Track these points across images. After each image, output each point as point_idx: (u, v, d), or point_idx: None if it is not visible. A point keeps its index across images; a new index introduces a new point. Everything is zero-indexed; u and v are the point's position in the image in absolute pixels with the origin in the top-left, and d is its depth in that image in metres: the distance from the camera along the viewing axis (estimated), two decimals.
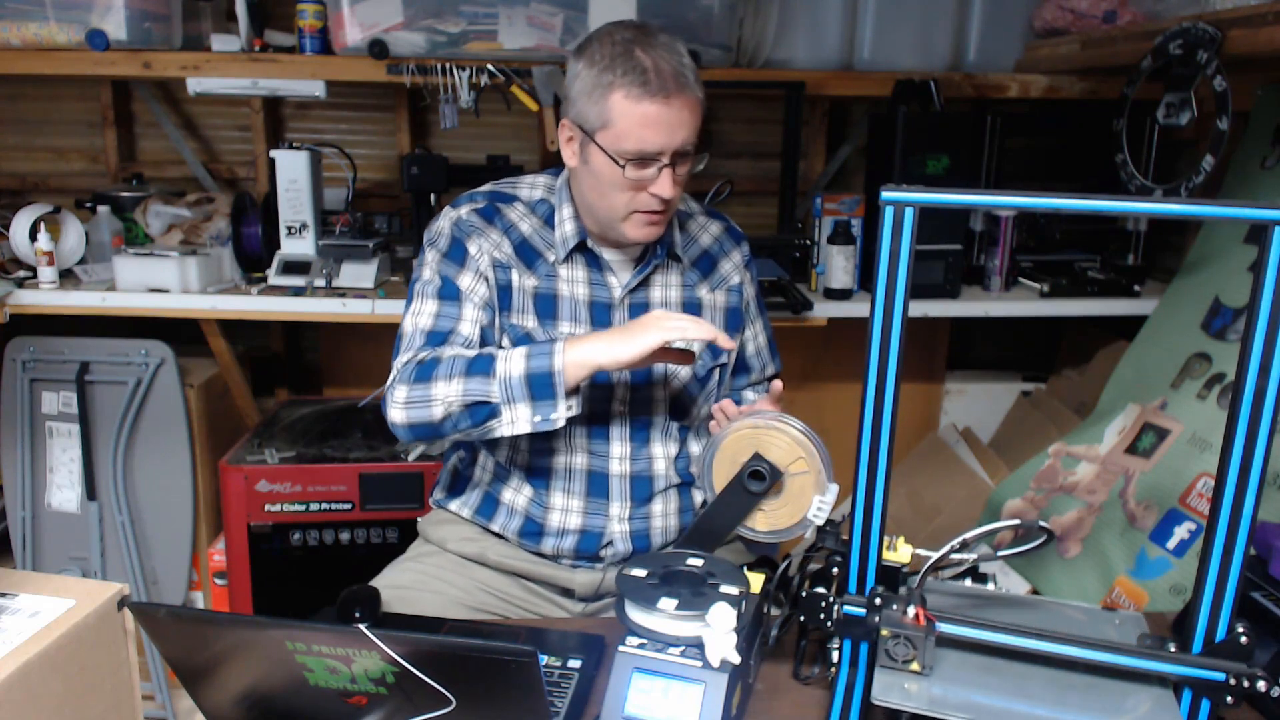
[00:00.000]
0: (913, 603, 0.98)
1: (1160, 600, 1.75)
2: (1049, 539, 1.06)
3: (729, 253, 1.50)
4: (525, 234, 1.39)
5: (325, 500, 2.20)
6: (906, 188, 0.92)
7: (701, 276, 1.47)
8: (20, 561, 2.35)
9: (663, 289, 1.43)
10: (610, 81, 1.24)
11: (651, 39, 1.26)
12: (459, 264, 1.36)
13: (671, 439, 1.45)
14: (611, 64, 1.25)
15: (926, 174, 2.26)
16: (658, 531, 1.44)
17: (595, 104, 1.26)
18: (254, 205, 2.37)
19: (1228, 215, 0.92)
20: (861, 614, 1.02)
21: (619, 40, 1.26)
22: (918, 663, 0.97)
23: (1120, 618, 1.08)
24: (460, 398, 1.23)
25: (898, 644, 0.98)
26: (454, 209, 1.41)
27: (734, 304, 1.49)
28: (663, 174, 1.28)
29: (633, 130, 1.25)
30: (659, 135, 1.25)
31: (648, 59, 1.24)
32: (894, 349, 0.95)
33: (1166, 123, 1.90)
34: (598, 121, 1.27)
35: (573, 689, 1.09)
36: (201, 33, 2.39)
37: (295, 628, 0.84)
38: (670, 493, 1.45)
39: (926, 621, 0.97)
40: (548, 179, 1.45)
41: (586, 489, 1.41)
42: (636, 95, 1.23)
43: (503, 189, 1.44)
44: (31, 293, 2.15)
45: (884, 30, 2.42)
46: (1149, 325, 2.24)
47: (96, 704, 0.92)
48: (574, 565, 1.43)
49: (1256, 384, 0.87)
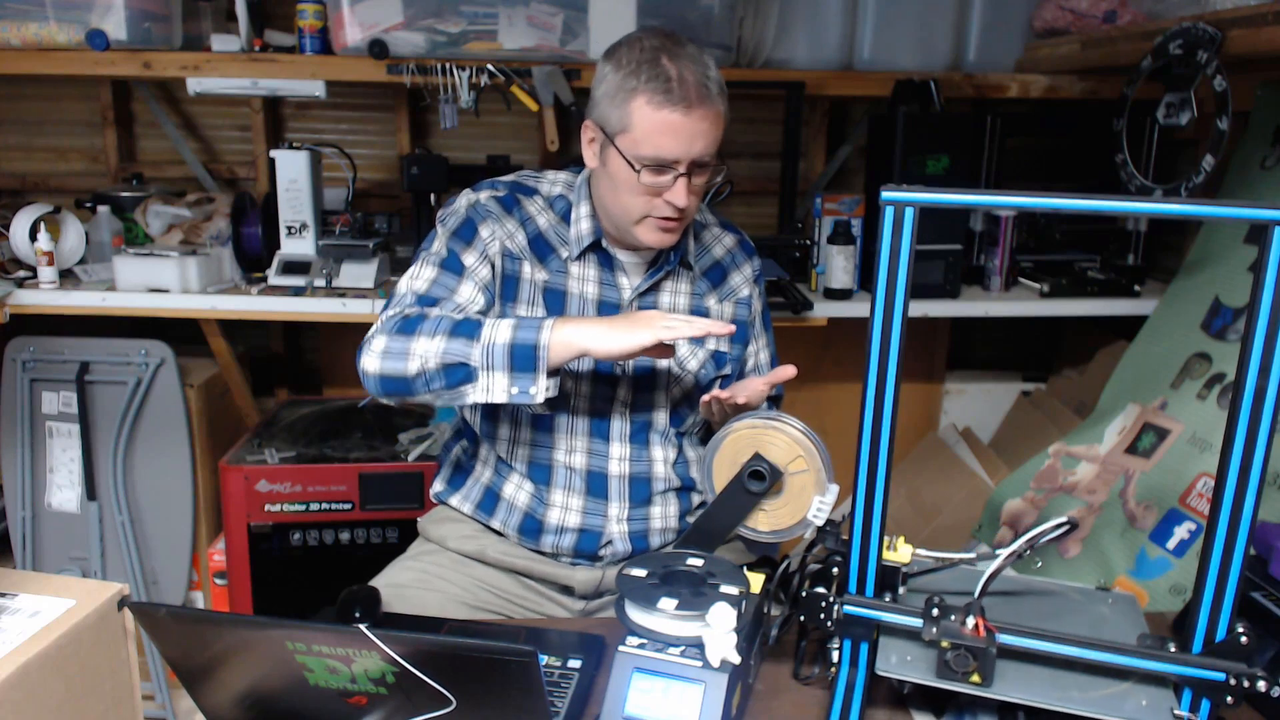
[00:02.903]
0: (972, 613, 0.97)
1: (1160, 600, 1.75)
2: (1071, 528, 1.05)
3: (740, 266, 1.51)
4: (541, 228, 1.40)
5: (325, 500, 2.20)
6: (906, 188, 0.92)
7: (711, 287, 1.47)
8: (20, 561, 2.35)
9: (671, 295, 1.44)
10: (634, 87, 1.25)
11: (680, 48, 1.27)
12: (467, 242, 1.36)
13: (670, 443, 1.45)
14: (637, 69, 1.25)
15: (926, 174, 2.26)
16: (656, 534, 1.44)
17: (617, 108, 1.27)
18: (254, 205, 2.37)
19: (1228, 215, 0.92)
20: (866, 614, 1.02)
21: (647, 46, 1.26)
22: (979, 674, 0.96)
23: (1114, 597, 1.11)
24: (439, 355, 1.22)
25: (958, 655, 0.96)
26: (474, 192, 1.41)
27: (741, 316, 1.50)
28: (678, 183, 1.28)
29: (651, 136, 1.26)
30: (677, 143, 1.26)
31: (673, 67, 1.24)
32: (894, 349, 0.95)
33: (1166, 123, 1.90)
34: (618, 125, 1.27)
35: (573, 689, 1.09)
36: (201, 33, 2.39)
37: (295, 628, 0.84)
38: (669, 496, 1.45)
39: (987, 632, 0.96)
40: (568, 176, 1.45)
41: (586, 487, 1.41)
42: (658, 102, 1.24)
43: (524, 181, 1.44)
44: (31, 293, 2.15)
45: (884, 30, 2.42)
46: (1149, 325, 2.24)
47: (96, 704, 0.92)
48: (573, 563, 1.44)
49: (1256, 384, 0.87)
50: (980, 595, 0.99)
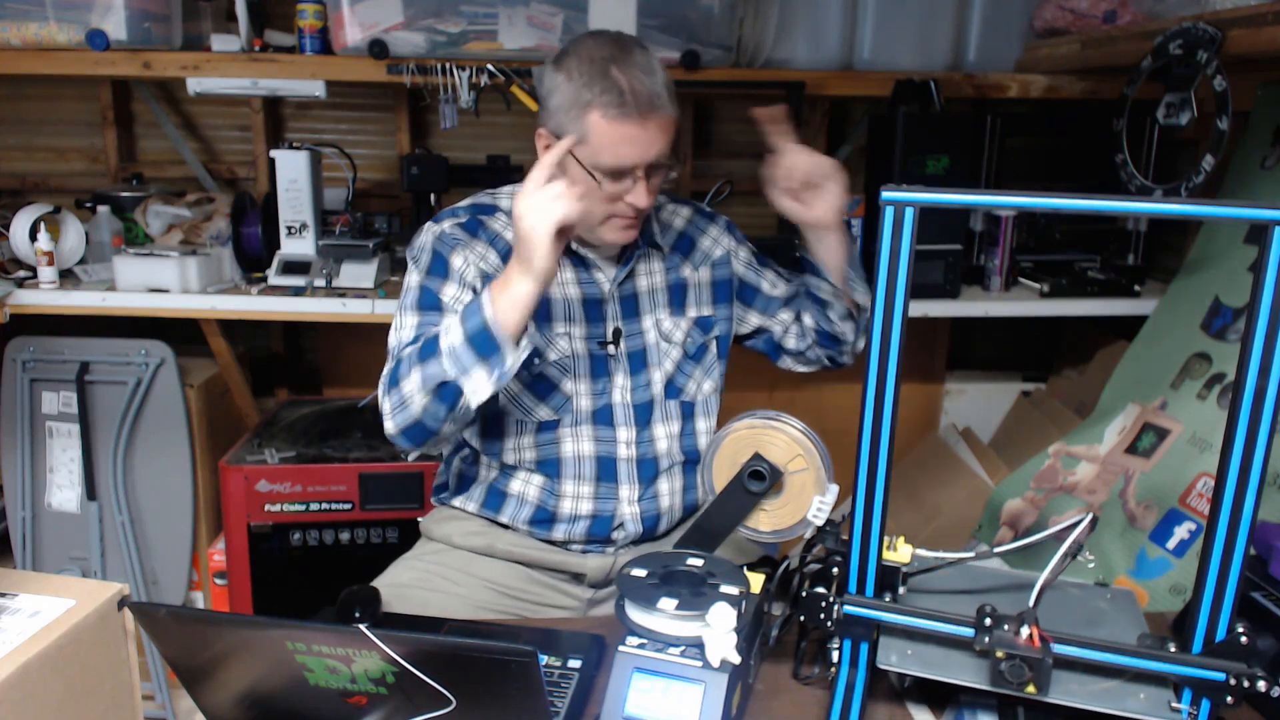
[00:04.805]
0: (1027, 623, 0.95)
1: (1160, 600, 1.75)
2: (1094, 521, 1.05)
3: (705, 230, 1.54)
4: (511, 242, 1.39)
5: (325, 500, 2.20)
6: (906, 188, 0.92)
7: (684, 258, 1.50)
8: (20, 561, 2.35)
9: (648, 276, 1.47)
10: (588, 100, 1.26)
11: (629, 56, 1.28)
12: (442, 277, 1.37)
13: (673, 417, 1.47)
14: (589, 82, 1.26)
15: (926, 174, 2.26)
16: (665, 510, 1.47)
17: (573, 120, 1.28)
18: (254, 205, 2.37)
19: (1228, 215, 0.92)
20: (866, 614, 1.02)
21: (596, 58, 1.27)
22: (1034, 685, 0.94)
23: (1112, 593, 1.11)
24: (423, 387, 1.23)
25: (1013, 666, 0.94)
26: (435, 224, 1.42)
27: (720, 277, 1.52)
28: (637, 185, 1.31)
29: (609, 148, 1.28)
30: (634, 152, 1.28)
31: (624, 79, 1.26)
32: (894, 349, 0.95)
33: (1166, 123, 1.90)
34: (575, 136, 1.28)
35: (573, 689, 1.09)
36: (201, 33, 2.39)
37: (295, 628, 0.84)
38: (675, 470, 1.48)
39: (1042, 642, 0.94)
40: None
41: (596, 474, 1.43)
42: (613, 116, 1.26)
43: (482, 201, 1.46)
44: (31, 293, 2.15)
45: (884, 30, 2.42)
46: (1149, 325, 2.24)
47: (96, 704, 0.92)
48: (584, 550, 1.45)
49: (1256, 384, 0.87)
50: (1035, 605, 0.97)
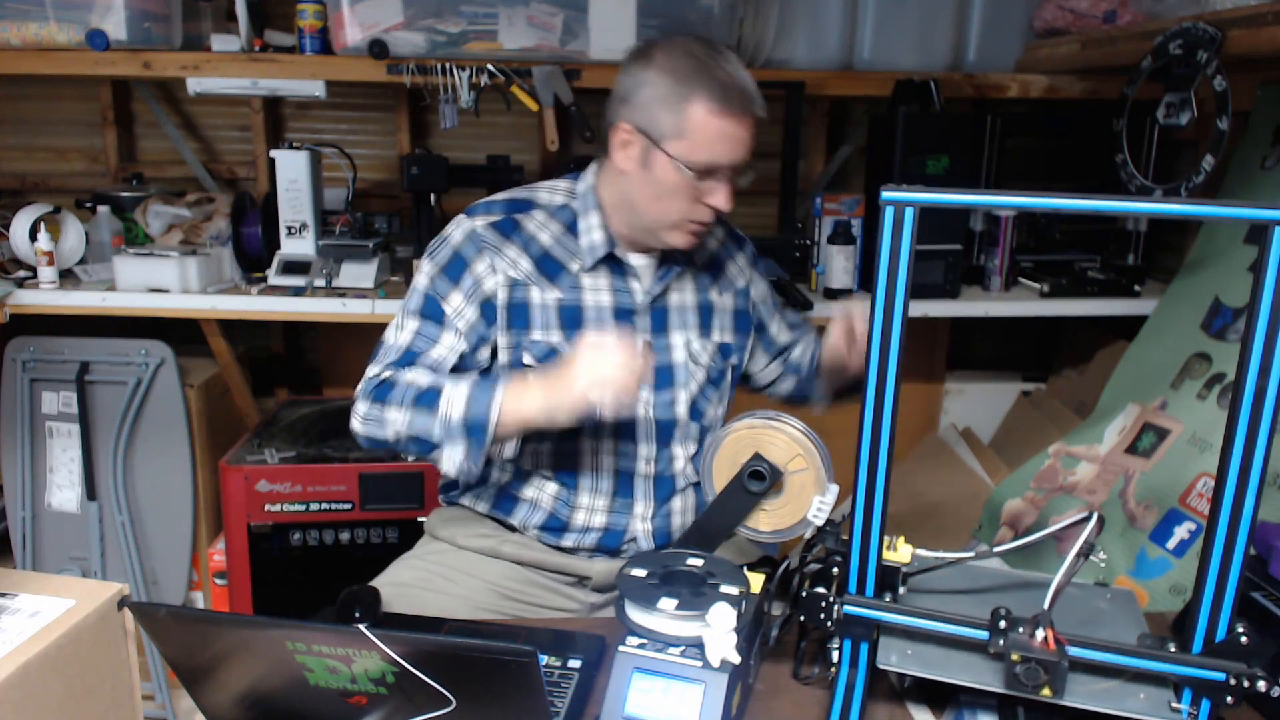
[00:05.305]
0: (1042, 625, 0.94)
1: (1160, 600, 1.75)
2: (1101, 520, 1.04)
3: (734, 256, 1.51)
4: (546, 245, 1.37)
5: (325, 500, 2.20)
6: (906, 188, 0.92)
7: (712, 280, 1.48)
8: (20, 561, 2.35)
9: (679, 293, 1.44)
10: (690, 93, 1.25)
11: (725, 55, 1.29)
12: (453, 282, 1.34)
13: (691, 439, 1.45)
14: (690, 75, 1.25)
15: (926, 174, 2.26)
16: (676, 529, 1.45)
17: (670, 112, 1.26)
18: (254, 205, 2.37)
19: (1228, 215, 0.92)
20: (866, 614, 1.02)
21: (694, 53, 1.27)
22: (1049, 688, 0.93)
23: (1112, 593, 1.11)
24: (406, 428, 1.26)
25: (1028, 669, 0.93)
26: (469, 218, 1.37)
27: (740, 307, 1.50)
28: (723, 187, 1.30)
29: (708, 143, 1.26)
30: (729, 149, 1.27)
31: (725, 74, 1.26)
32: (894, 349, 0.95)
33: (1166, 123, 1.90)
34: (671, 130, 1.26)
35: (573, 689, 1.09)
36: (201, 33, 2.38)
37: (295, 628, 0.84)
38: (689, 490, 1.46)
39: (1058, 645, 0.93)
40: (568, 184, 1.42)
41: (614, 488, 1.41)
42: (717, 110, 1.25)
43: (519, 196, 1.41)
44: (31, 293, 2.15)
45: (884, 30, 2.42)
46: (1149, 325, 2.24)
47: (96, 704, 0.92)
48: (592, 556, 1.44)
49: (1256, 384, 0.87)
50: (1050, 607, 0.96)
